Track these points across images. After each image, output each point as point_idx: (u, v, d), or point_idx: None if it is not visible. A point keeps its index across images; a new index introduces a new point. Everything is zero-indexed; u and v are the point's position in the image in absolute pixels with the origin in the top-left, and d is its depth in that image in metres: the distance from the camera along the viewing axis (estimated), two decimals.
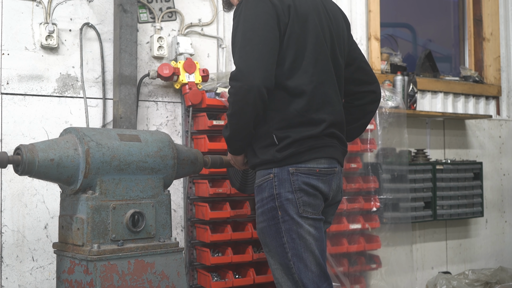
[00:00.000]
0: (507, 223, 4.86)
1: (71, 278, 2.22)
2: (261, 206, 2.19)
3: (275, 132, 2.12)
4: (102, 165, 2.18)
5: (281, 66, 2.12)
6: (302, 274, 2.14)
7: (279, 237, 2.14)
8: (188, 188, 3.17)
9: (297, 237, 2.13)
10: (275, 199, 2.13)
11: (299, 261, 2.14)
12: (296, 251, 2.13)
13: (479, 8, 4.85)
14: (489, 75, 4.81)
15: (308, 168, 2.14)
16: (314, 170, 2.14)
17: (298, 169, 2.12)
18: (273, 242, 2.17)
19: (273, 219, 2.15)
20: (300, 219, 2.13)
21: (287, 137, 2.11)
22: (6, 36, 2.83)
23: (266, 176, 2.16)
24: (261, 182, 2.18)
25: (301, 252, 2.14)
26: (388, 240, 3.73)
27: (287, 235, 2.13)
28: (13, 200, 2.80)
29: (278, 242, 2.15)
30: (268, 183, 2.15)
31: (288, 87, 2.12)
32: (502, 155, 4.84)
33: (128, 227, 2.21)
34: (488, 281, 4.18)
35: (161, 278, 2.26)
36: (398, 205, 3.76)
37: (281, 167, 2.12)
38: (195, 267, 3.16)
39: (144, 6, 3.21)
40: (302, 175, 2.12)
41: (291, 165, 2.12)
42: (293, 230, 2.13)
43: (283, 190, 2.12)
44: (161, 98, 3.22)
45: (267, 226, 2.18)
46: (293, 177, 2.12)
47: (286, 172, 2.12)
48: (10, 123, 2.82)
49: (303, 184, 2.13)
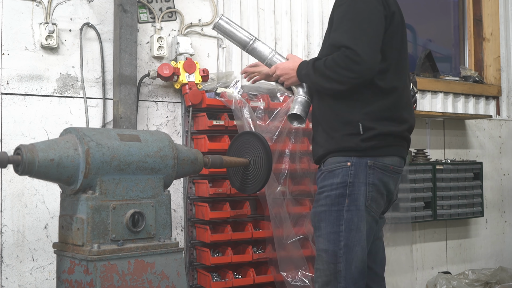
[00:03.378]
0: (507, 223, 4.85)
1: (71, 278, 2.22)
2: (328, 190, 2.22)
3: (362, 122, 2.18)
4: (102, 165, 2.18)
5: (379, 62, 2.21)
6: (347, 265, 2.17)
7: (337, 224, 2.18)
8: (188, 188, 3.17)
9: (355, 229, 2.17)
10: (347, 186, 2.18)
11: (349, 252, 2.17)
12: (349, 241, 2.17)
13: (479, 8, 4.85)
14: (489, 75, 4.81)
15: (384, 164, 2.21)
16: (389, 167, 2.23)
17: (376, 163, 2.20)
18: (328, 228, 2.20)
19: (337, 205, 2.19)
20: (365, 212, 2.19)
21: (373, 129, 2.18)
22: (6, 36, 2.83)
23: (342, 163, 2.20)
24: (334, 168, 2.22)
25: (354, 245, 2.18)
26: (388, 240, 3.73)
27: (346, 224, 2.17)
28: (13, 200, 2.80)
29: (334, 229, 2.18)
30: (343, 170, 2.19)
31: (381, 85, 2.21)
32: (502, 155, 4.84)
33: (128, 227, 2.21)
34: (488, 281, 4.18)
35: (161, 278, 2.26)
36: (398, 205, 3.76)
37: (361, 158, 2.19)
38: (195, 267, 3.16)
39: (144, 6, 3.20)
40: (378, 170, 2.20)
41: (371, 158, 2.19)
42: (354, 222, 2.17)
43: (357, 180, 2.18)
44: (161, 98, 3.22)
45: (327, 210, 2.21)
46: (370, 170, 2.19)
47: (364, 163, 2.19)
48: (10, 123, 2.82)
49: (377, 179, 2.20)
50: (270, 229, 3.11)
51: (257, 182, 2.66)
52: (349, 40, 2.13)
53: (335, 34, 2.22)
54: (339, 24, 2.21)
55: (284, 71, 2.43)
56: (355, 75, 2.13)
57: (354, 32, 2.14)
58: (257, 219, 3.26)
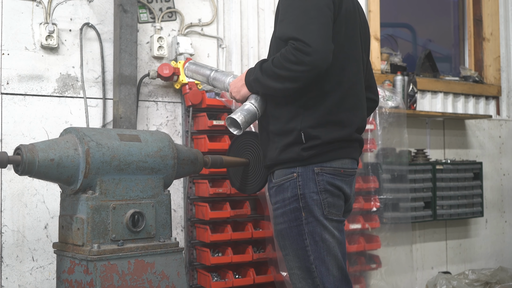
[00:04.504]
0: (507, 223, 4.86)
1: (71, 278, 2.22)
2: (282, 206, 2.09)
3: (304, 130, 2.03)
4: (102, 165, 2.18)
5: None
6: (324, 278, 2.05)
7: (301, 239, 2.05)
8: (188, 188, 3.17)
9: (320, 240, 2.04)
10: (299, 199, 2.04)
11: (321, 265, 2.05)
12: (319, 254, 2.05)
13: (479, 8, 4.85)
14: (489, 75, 4.81)
15: (333, 168, 2.06)
16: (339, 171, 2.08)
17: (323, 168, 2.05)
18: (294, 245, 2.08)
19: (295, 220, 2.05)
20: (326, 221, 2.05)
21: (316, 138, 2.03)
22: (6, 36, 2.83)
23: (288, 176, 2.06)
24: (282, 181, 2.08)
25: (324, 256, 2.05)
26: (388, 240, 3.73)
27: (310, 237, 2.04)
28: (13, 200, 2.80)
29: (300, 244, 2.06)
30: (291, 183, 2.06)
31: (322, 83, 2.04)
32: (502, 155, 4.84)
33: (128, 227, 2.21)
34: (488, 281, 4.18)
35: (161, 278, 2.26)
36: (398, 205, 3.76)
37: (305, 166, 2.04)
38: (195, 267, 3.16)
39: (144, 6, 3.21)
40: (327, 175, 2.05)
41: (316, 165, 2.04)
42: (317, 233, 2.04)
43: (307, 191, 2.04)
44: (161, 98, 3.22)
45: (287, 227, 2.08)
46: (318, 177, 2.04)
47: (311, 171, 2.04)
48: (10, 123, 2.82)
49: (328, 184, 2.05)
50: (270, 229, 3.11)
51: (257, 182, 2.66)
52: (296, 31, 1.92)
53: (280, 26, 2.01)
54: (284, 14, 2.00)
55: (233, 85, 2.21)
56: (308, 67, 1.90)
57: (301, 21, 1.93)
58: (257, 219, 3.26)
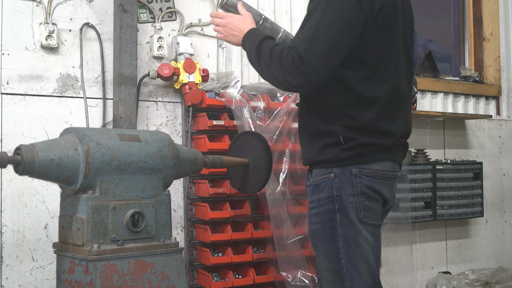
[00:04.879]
0: (507, 223, 4.85)
1: (71, 278, 2.22)
2: (317, 206, 2.05)
3: (342, 133, 1.98)
4: (102, 165, 2.17)
5: (358, 70, 1.97)
6: (354, 283, 1.99)
7: (334, 241, 2.00)
8: (188, 188, 3.17)
9: (354, 243, 1.98)
10: (334, 200, 1.99)
11: (353, 269, 1.99)
12: (351, 258, 1.99)
13: (479, 8, 4.85)
14: (489, 75, 4.81)
15: (372, 170, 2.00)
16: (378, 173, 2.01)
17: (361, 170, 1.99)
18: (326, 246, 2.03)
19: (329, 221, 2.01)
20: (360, 224, 1.99)
21: (355, 139, 1.97)
22: (6, 36, 2.83)
23: (326, 176, 2.02)
24: (319, 181, 2.04)
25: (356, 260, 1.99)
26: (388, 240, 3.73)
27: (343, 240, 1.99)
28: (13, 200, 2.80)
29: (332, 246, 2.01)
30: (327, 183, 2.01)
31: (361, 94, 1.97)
32: (502, 155, 4.84)
33: (128, 227, 2.21)
34: (488, 281, 4.18)
35: (161, 278, 2.26)
36: (398, 205, 3.76)
37: (343, 167, 1.99)
38: (195, 267, 3.16)
39: (144, 6, 3.20)
40: (365, 178, 1.99)
41: (354, 166, 1.98)
42: (350, 236, 1.98)
43: (344, 192, 1.99)
44: (161, 98, 3.22)
45: (321, 228, 2.03)
46: (356, 179, 1.98)
47: (349, 173, 1.99)
48: (10, 123, 2.82)
49: (366, 187, 1.99)
50: (270, 229, 3.11)
51: (257, 182, 2.66)
52: (302, 44, 1.90)
53: (298, 31, 1.99)
54: (305, 21, 1.98)
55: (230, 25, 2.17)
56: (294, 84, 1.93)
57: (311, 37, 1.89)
58: (257, 219, 3.26)
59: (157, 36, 3.17)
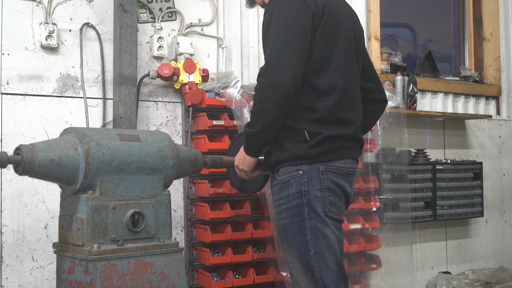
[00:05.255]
0: (507, 223, 4.85)
1: (71, 278, 2.22)
2: (286, 202, 2.19)
3: (306, 128, 2.13)
4: (102, 165, 2.17)
5: (310, 64, 2.13)
6: (323, 272, 2.15)
7: (303, 234, 2.16)
8: (188, 188, 3.17)
9: (321, 235, 2.15)
10: (303, 196, 2.14)
11: (321, 259, 2.15)
12: (319, 249, 2.15)
13: (479, 8, 4.85)
14: (489, 75, 4.81)
15: (337, 167, 2.17)
16: (342, 170, 2.18)
17: (328, 167, 2.15)
18: (295, 239, 2.18)
19: (298, 215, 2.16)
20: (326, 218, 2.15)
21: (319, 134, 2.13)
22: (6, 36, 2.83)
23: (294, 173, 2.16)
24: (287, 178, 2.17)
25: (324, 251, 2.15)
26: (388, 240, 3.73)
27: (311, 232, 2.14)
28: (13, 200, 2.80)
29: (301, 239, 2.16)
30: (296, 180, 2.15)
31: (318, 85, 2.14)
32: (502, 155, 4.84)
33: (128, 227, 2.21)
34: (488, 281, 4.18)
35: (161, 278, 2.26)
36: (398, 205, 3.76)
37: (311, 164, 2.14)
38: (195, 267, 3.16)
39: (144, 6, 3.21)
40: (331, 174, 2.16)
41: (322, 163, 2.14)
42: (318, 228, 2.14)
43: (311, 188, 2.14)
44: (161, 98, 3.22)
45: (290, 223, 2.18)
46: (323, 175, 2.14)
47: (316, 169, 2.14)
48: (10, 123, 2.82)
49: (331, 183, 2.16)
50: (270, 229, 3.11)
51: (257, 182, 2.66)
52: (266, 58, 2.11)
53: None
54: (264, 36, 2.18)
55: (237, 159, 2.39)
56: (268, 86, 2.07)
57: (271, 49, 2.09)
58: (257, 219, 3.26)
59: (157, 36, 3.17)
